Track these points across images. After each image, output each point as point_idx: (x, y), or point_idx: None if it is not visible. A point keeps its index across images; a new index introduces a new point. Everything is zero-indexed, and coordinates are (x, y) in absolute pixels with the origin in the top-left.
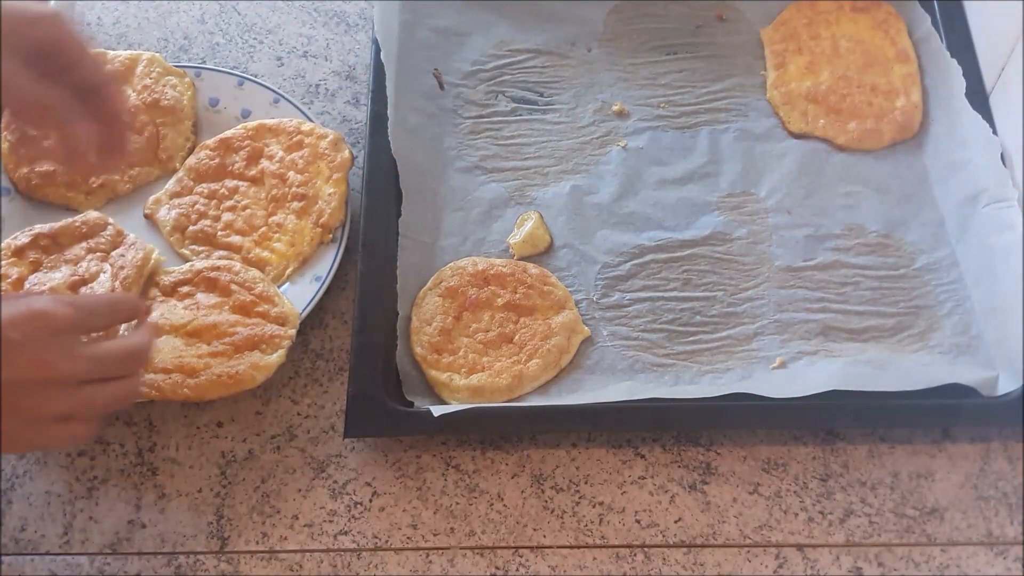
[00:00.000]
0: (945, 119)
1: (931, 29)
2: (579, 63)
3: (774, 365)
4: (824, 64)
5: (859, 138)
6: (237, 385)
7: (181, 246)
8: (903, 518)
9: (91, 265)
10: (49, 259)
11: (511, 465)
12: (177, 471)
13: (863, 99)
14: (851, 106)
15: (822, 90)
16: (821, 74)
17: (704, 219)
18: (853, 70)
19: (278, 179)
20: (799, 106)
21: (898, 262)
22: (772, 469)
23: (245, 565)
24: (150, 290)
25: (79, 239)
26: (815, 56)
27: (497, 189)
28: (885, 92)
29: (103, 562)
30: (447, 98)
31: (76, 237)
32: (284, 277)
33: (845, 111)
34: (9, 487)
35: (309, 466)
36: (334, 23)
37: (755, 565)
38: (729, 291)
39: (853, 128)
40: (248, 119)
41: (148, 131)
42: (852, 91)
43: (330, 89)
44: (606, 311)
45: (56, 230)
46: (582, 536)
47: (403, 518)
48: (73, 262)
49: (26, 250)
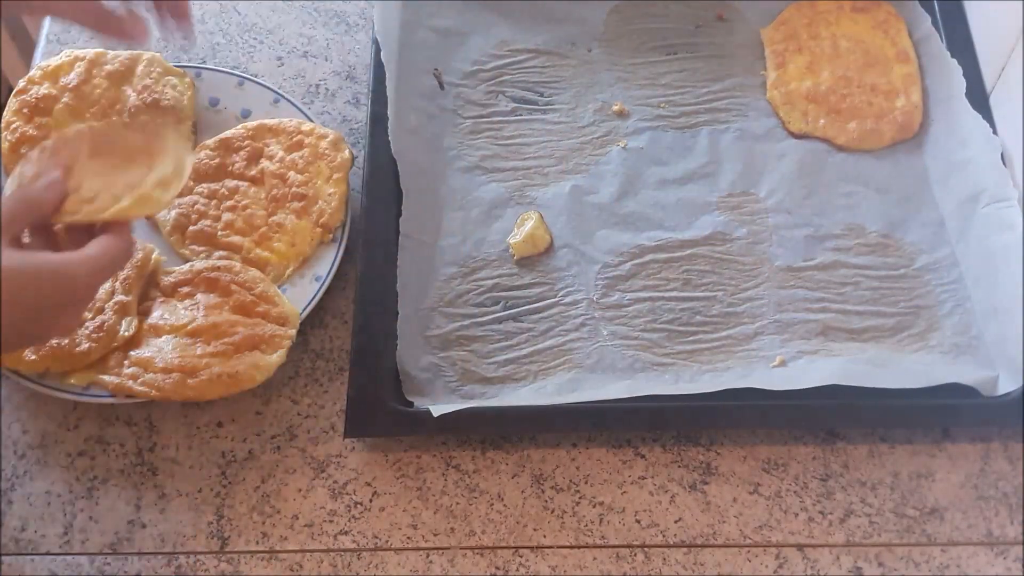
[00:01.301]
0: (945, 119)
1: (931, 29)
2: (579, 63)
3: (774, 364)
4: (824, 64)
5: (859, 138)
6: (237, 385)
7: (181, 246)
8: (903, 518)
9: None
10: None
11: (511, 465)
12: (177, 471)
13: (863, 99)
14: (851, 106)
15: (822, 90)
16: (821, 74)
17: (704, 219)
18: (853, 70)
19: (278, 179)
20: (799, 106)
21: (898, 262)
22: (772, 469)
23: (245, 565)
24: (150, 290)
25: None
26: (815, 56)
27: (497, 189)
28: (885, 92)
29: (103, 562)
30: (447, 98)
31: None
32: (284, 277)
33: (845, 111)
34: (9, 487)
35: (309, 466)
36: (334, 23)
37: (755, 565)
38: (729, 291)
39: (853, 128)
40: (248, 119)
41: (148, 131)
42: (852, 91)
43: (330, 89)
44: (606, 311)
45: None
46: (582, 536)
47: (403, 518)
48: None
49: None
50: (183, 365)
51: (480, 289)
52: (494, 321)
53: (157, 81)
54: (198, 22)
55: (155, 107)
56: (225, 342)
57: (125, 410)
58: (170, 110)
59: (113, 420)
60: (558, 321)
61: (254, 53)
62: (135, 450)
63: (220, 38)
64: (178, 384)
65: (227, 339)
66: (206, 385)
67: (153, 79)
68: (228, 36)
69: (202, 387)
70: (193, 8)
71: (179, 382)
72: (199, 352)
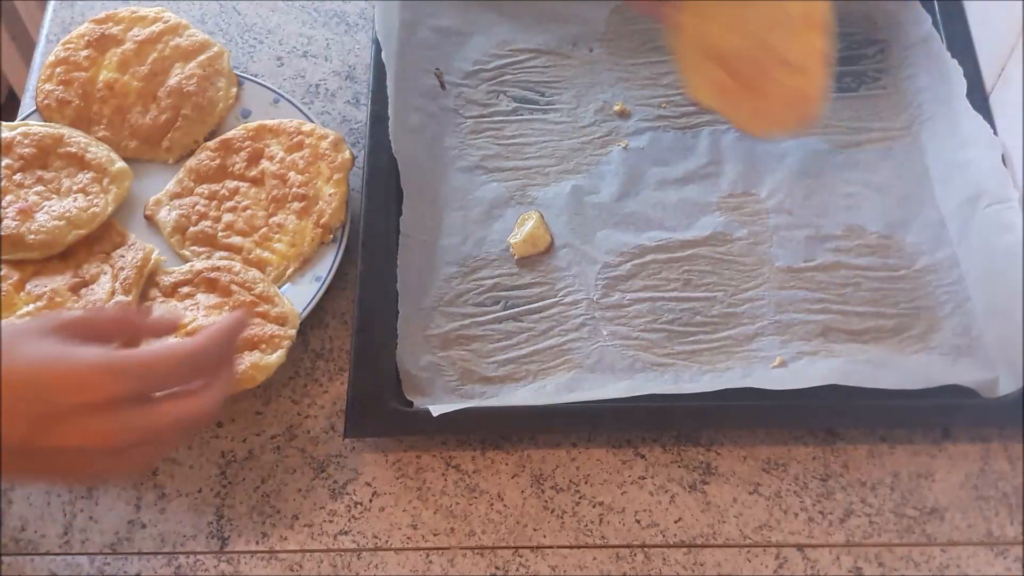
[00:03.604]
0: (945, 119)
1: (931, 29)
2: (581, 63)
3: (774, 364)
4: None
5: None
6: (237, 385)
7: (182, 247)
8: (903, 518)
9: (91, 268)
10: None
11: (511, 465)
12: (177, 471)
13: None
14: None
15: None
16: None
17: (705, 219)
18: None
19: (279, 180)
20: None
21: (899, 263)
22: (772, 469)
23: (245, 565)
24: (150, 291)
25: None
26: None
27: (498, 189)
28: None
29: (103, 562)
30: (448, 98)
31: None
32: (284, 277)
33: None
34: (9, 487)
35: (309, 466)
36: (334, 23)
37: (755, 565)
38: (729, 291)
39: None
40: (248, 119)
41: (167, 116)
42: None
43: (330, 89)
44: (606, 311)
45: None
46: (582, 536)
47: (403, 518)
48: (75, 265)
49: None
50: None
51: (480, 289)
52: (494, 321)
53: (207, 77)
54: (198, 22)
55: (188, 98)
56: None
57: None
58: (199, 108)
59: None
60: (558, 321)
61: (254, 53)
62: None
63: (220, 38)
64: None
65: None
66: None
67: (205, 72)
68: (228, 36)
69: None
70: (193, 8)
71: None
72: None
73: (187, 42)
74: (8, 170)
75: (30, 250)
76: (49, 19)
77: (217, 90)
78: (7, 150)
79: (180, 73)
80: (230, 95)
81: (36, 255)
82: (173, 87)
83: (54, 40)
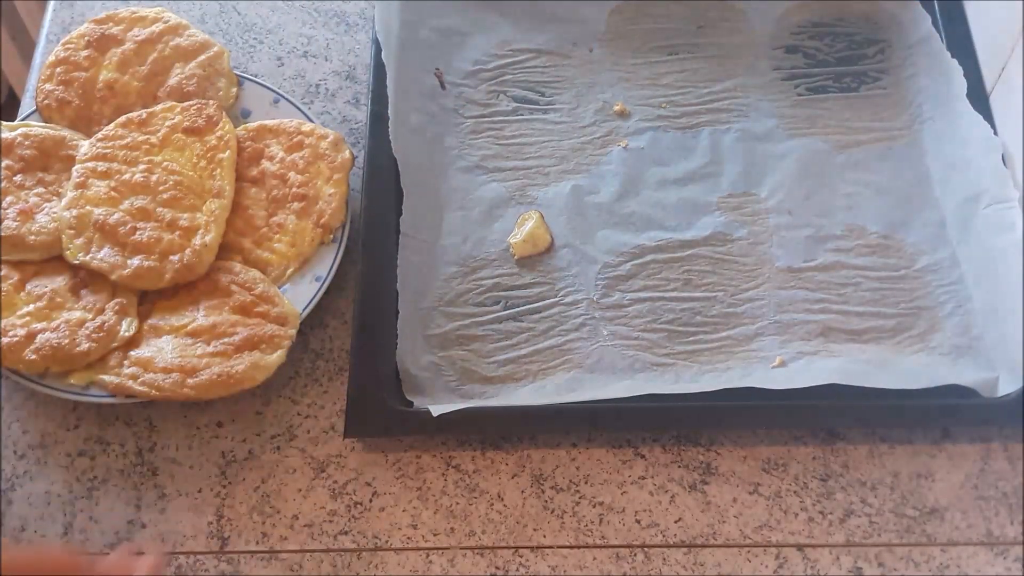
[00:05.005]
0: (945, 119)
1: (931, 29)
2: (581, 63)
3: (774, 364)
4: (128, 193)
5: (135, 276)
6: (237, 385)
7: None
8: (903, 518)
9: None
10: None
11: (511, 465)
12: (177, 471)
13: (155, 235)
14: (139, 241)
15: (112, 220)
16: (121, 203)
17: (705, 219)
18: (158, 204)
19: (279, 180)
20: (86, 233)
21: (899, 263)
22: (772, 469)
23: (245, 565)
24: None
25: None
26: (122, 184)
27: (498, 189)
28: (185, 229)
29: None
30: (448, 98)
31: None
32: (284, 277)
33: (131, 245)
34: (9, 487)
35: (309, 466)
36: (334, 23)
37: (755, 565)
38: (729, 292)
39: (134, 264)
40: (248, 119)
41: None
42: (148, 226)
43: (330, 89)
44: (606, 311)
45: None
46: (582, 536)
47: (403, 518)
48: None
49: None
50: (183, 365)
51: (480, 289)
52: (494, 321)
53: (208, 77)
54: (198, 22)
55: (185, 98)
56: (225, 342)
57: (125, 410)
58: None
59: (113, 420)
60: (558, 321)
61: (254, 53)
62: (135, 450)
63: (220, 38)
64: (178, 384)
65: (227, 339)
66: (206, 385)
67: (205, 72)
68: (228, 36)
69: (202, 387)
70: (193, 8)
71: (179, 382)
72: (199, 352)
73: (187, 42)
74: (9, 171)
75: (30, 251)
76: (49, 19)
77: (217, 90)
78: (8, 151)
79: (180, 73)
80: (230, 95)
81: (36, 256)
82: (173, 87)
83: (54, 40)
